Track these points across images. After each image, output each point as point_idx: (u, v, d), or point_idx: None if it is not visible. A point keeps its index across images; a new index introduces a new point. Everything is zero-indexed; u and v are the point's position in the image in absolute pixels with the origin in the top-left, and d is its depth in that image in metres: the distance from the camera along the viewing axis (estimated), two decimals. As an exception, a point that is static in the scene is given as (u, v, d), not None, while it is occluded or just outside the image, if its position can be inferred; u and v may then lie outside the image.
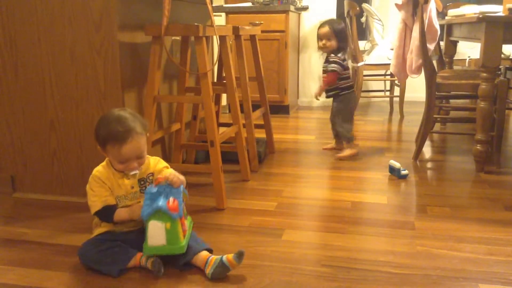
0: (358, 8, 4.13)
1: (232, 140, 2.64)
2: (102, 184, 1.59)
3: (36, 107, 2.15)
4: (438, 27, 2.82)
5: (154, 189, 1.52)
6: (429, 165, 2.84)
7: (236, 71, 2.67)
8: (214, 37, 3.12)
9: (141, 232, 1.58)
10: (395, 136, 3.64)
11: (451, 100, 3.80)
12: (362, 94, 4.42)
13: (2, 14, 2.08)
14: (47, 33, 2.06)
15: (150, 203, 1.50)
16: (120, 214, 1.58)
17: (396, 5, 2.97)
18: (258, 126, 2.95)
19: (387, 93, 4.78)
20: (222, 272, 1.49)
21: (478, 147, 2.60)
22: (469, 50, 4.53)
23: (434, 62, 2.94)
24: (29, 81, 2.13)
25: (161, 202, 1.49)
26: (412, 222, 1.95)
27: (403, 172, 2.51)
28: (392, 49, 3.43)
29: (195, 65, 2.78)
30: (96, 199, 1.58)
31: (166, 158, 2.59)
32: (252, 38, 2.91)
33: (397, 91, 4.42)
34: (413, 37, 2.82)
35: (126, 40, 2.09)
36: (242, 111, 2.60)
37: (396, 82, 4.38)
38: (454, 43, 3.56)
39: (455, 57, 3.73)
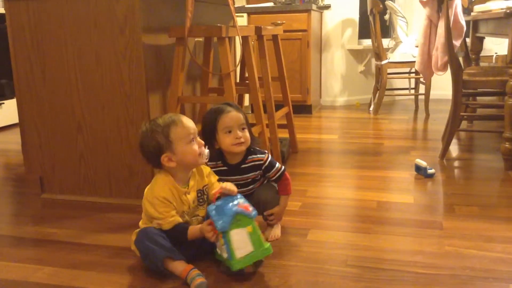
0: (381, 6, 4.09)
1: (256, 140, 2.64)
2: (168, 203, 1.54)
3: (63, 109, 2.19)
4: (464, 23, 2.78)
5: (218, 203, 1.48)
6: (456, 163, 2.79)
7: (258, 71, 2.68)
8: (237, 37, 3.12)
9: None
10: (421, 135, 3.58)
11: (478, 98, 3.72)
12: (386, 92, 4.37)
13: (30, 18, 2.12)
14: (73, 36, 2.10)
15: (220, 216, 1.43)
16: (194, 232, 1.54)
17: (421, 1, 2.93)
18: (281, 126, 2.95)
19: (412, 91, 4.71)
20: None
21: (506, 145, 2.54)
22: (496, 46, 4.44)
23: (460, 59, 2.89)
24: (56, 84, 2.17)
25: (234, 207, 1.43)
26: (440, 221, 1.92)
27: (430, 171, 2.47)
28: (417, 46, 3.38)
29: (218, 65, 2.79)
30: (165, 221, 1.53)
31: (190, 158, 2.60)
32: (274, 38, 2.91)
33: (422, 89, 4.36)
34: (439, 33, 2.78)
35: (150, 42, 2.11)
36: (265, 111, 2.60)
37: (421, 79, 4.32)
38: (481, 40, 3.50)
39: (482, 54, 3.65)
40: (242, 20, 4.31)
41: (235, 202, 1.47)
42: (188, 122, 1.59)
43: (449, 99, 2.85)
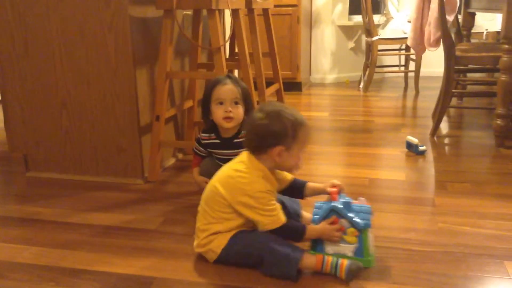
0: (372, -19, 4.03)
1: (246, 117, 2.60)
2: (273, 196, 1.38)
3: (47, 84, 2.12)
4: (457, -2, 2.74)
5: (342, 200, 1.42)
6: (447, 140, 2.78)
7: (248, 47, 2.61)
8: (226, 11, 3.05)
9: None
10: (411, 112, 3.56)
11: (468, 74, 3.70)
12: (376, 69, 4.34)
13: (10, -11, 2.03)
14: (57, 8, 2.01)
15: (357, 214, 1.38)
16: (312, 233, 1.39)
17: (414, -25, 2.88)
18: (271, 103, 2.90)
19: (402, 68, 4.68)
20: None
21: (498, 122, 2.52)
22: (487, 23, 4.41)
23: (452, 35, 2.85)
24: (40, 59, 2.09)
25: (367, 205, 1.43)
26: (432, 198, 1.91)
27: (421, 148, 2.45)
28: (409, 22, 3.34)
29: (207, 40, 2.72)
30: (276, 217, 1.35)
31: (179, 136, 2.55)
32: (265, 12, 2.84)
33: (412, 66, 4.33)
34: (432, 8, 2.74)
35: (137, 15, 2.03)
36: (255, 88, 2.55)
37: (412, 56, 4.28)
38: (472, 15, 3.46)
39: (472, 30, 3.62)
40: (230, -6, 4.21)
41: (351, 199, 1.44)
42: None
43: (438, 77, 2.83)
